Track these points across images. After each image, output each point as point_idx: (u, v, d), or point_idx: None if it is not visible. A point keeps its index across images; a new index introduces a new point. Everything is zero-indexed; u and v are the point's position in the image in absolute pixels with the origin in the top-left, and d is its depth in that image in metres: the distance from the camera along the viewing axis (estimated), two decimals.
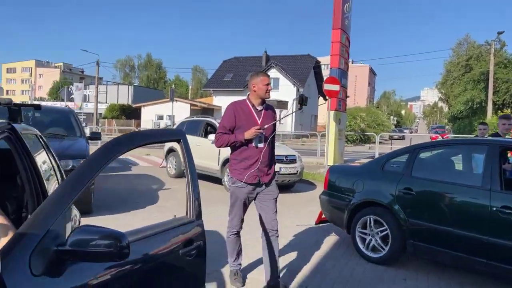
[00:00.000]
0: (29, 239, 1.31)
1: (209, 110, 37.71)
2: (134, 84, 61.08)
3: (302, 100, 3.51)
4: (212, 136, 9.28)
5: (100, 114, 43.59)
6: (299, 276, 3.89)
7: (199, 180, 7.74)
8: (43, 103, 12.54)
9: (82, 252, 1.36)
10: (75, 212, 3.11)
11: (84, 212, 5.73)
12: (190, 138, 9.89)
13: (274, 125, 3.50)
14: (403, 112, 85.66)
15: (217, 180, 9.20)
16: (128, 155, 16.29)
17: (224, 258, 4.20)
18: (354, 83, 77.95)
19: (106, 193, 7.75)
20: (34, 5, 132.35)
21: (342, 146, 13.09)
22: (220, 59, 45.83)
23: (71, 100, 47.52)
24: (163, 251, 1.83)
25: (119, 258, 1.40)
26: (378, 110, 42.64)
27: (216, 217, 6.17)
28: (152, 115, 39.74)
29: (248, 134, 3.26)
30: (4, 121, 2.20)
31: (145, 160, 14.68)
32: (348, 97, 16.75)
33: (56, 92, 54.65)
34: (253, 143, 3.32)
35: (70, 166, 5.51)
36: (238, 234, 3.58)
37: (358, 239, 4.50)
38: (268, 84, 3.38)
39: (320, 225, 5.84)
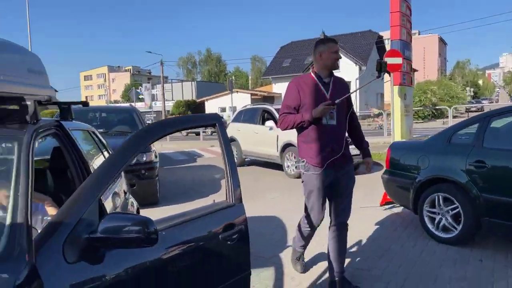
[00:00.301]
0: (62, 228, 1.35)
1: (269, 98, 37.75)
2: (197, 80, 62.99)
3: (380, 66, 3.08)
4: (269, 123, 9.24)
5: (168, 111, 45.65)
6: (362, 259, 3.72)
7: (258, 167, 7.79)
8: (117, 105, 13.36)
9: (112, 239, 1.37)
10: (132, 201, 3.24)
11: (151, 203, 6.03)
12: (248, 126, 10.07)
13: (349, 99, 3.03)
14: (480, 82, 78.75)
15: (277, 166, 9.15)
16: (194, 148, 16.90)
17: (284, 244, 4.16)
18: (423, 56, 73.08)
19: (172, 185, 8.08)
20: (97, 12, 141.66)
21: (410, 123, 12.24)
22: (278, 46, 45.42)
23: (141, 100, 50.42)
24: (202, 236, 1.81)
25: (148, 244, 1.39)
26: (451, 82, 39.66)
27: (276, 204, 6.13)
28: (215, 108, 40.77)
29: (316, 112, 2.79)
30: (52, 119, 2.32)
31: (210, 151, 15.09)
32: (416, 70, 15.76)
33: (127, 94, 58.23)
34: (322, 121, 2.86)
35: (134, 160, 5.79)
36: (316, 226, 3.11)
37: (426, 219, 4.19)
38: (336, 52, 2.94)
39: (386, 206, 5.56)
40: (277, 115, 9.20)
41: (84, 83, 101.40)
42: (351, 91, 3.03)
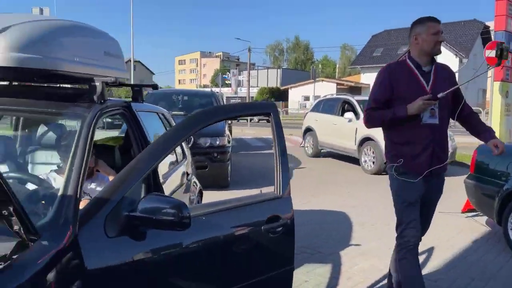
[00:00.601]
0: (105, 204, 1.43)
1: (356, 89, 36.44)
2: (283, 67, 63.14)
3: (501, 53, 2.63)
4: (349, 114, 8.92)
5: (252, 97, 46.61)
6: (430, 267, 3.44)
7: (334, 159, 7.63)
8: (199, 89, 14.02)
9: (148, 219, 1.42)
10: (194, 181, 3.36)
11: (221, 186, 6.24)
12: (326, 117, 9.84)
13: (457, 92, 2.48)
14: None
15: (354, 160, 8.83)
16: (271, 135, 16.99)
17: (346, 242, 4.01)
18: None
19: (245, 170, 8.25)
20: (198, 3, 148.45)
21: (511, 124, 11.03)
22: (370, 35, 43.50)
23: (228, 85, 52.16)
24: (243, 225, 1.81)
25: (180, 227, 1.42)
26: None
27: (347, 199, 5.94)
28: (298, 96, 40.59)
29: (413, 108, 2.31)
30: (121, 99, 2.48)
31: (288, 140, 15.01)
32: None
33: (214, 79, 60.71)
34: (422, 119, 2.36)
35: (208, 143, 6.03)
36: (415, 248, 2.47)
37: (510, 232, 3.73)
38: (437, 33, 2.38)
39: (468, 214, 5.06)
40: (358, 107, 8.86)
41: (178, 67, 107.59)
42: (458, 82, 2.49)
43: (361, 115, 8.63)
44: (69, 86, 2.32)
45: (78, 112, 1.87)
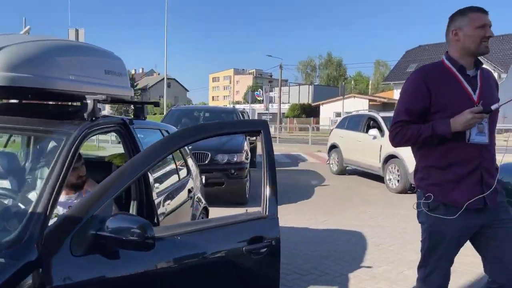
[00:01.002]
0: (71, 222, 1.44)
1: (388, 105, 35.66)
2: (315, 84, 62.99)
3: None
4: (373, 131, 8.72)
5: (283, 113, 46.61)
6: None
7: (360, 177, 7.49)
8: (221, 106, 14.19)
9: (113, 238, 1.41)
10: (199, 197, 3.34)
11: (239, 203, 6.20)
12: (351, 134, 9.67)
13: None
14: None
15: (379, 178, 8.57)
16: (299, 152, 16.91)
17: (357, 264, 3.86)
18: None
19: None
20: (225, 22, 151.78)
21: None
22: (404, 50, 42.81)
23: (260, 102, 52.47)
24: (222, 245, 1.76)
25: (144, 248, 1.40)
26: None
27: (366, 219, 5.73)
28: (330, 113, 40.17)
29: (459, 123, 1.85)
30: (117, 117, 2.53)
31: (315, 156, 14.92)
32: None
33: (250, 96, 61.35)
34: (467, 137, 1.91)
35: (226, 160, 6.03)
36: None
37: None
38: (485, 26, 1.92)
39: None
40: (383, 124, 8.64)
41: (212, 84, 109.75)
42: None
43: (386, 132, 8.41)
44: (67, 103, 2.38)
45: (65, 129, 1.91)
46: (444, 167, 1.95)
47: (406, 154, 7.56)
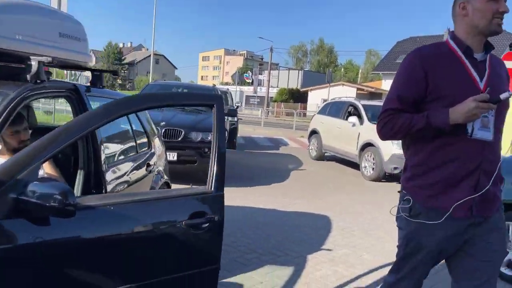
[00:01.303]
0: None
1: (376, 95, 35.79)
2: (305, 69, 62.73)
3: None
4: (353, 119, 8.72)
5: (271, 97, 46.42)
6: None
7: (338, 164, 7.43)
8: (200, 84, 14.04)
9: (32, 203, 1.35)
10: (160, 171, 3.28)
11: None
12: (332, 120, 9.67)
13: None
14: None
15: (356, 166, 8.63)
16: (282, 136, 16.92)
17: (318, 246, 3.88)
18: None
19: (244, 168, 8.17)
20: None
21: None
22: (395, 41, 42.87)
23: (249, 84, 52.14)
24: (158, 218, 1.72)
25: (64, 215, 1.35)
26: None
27: (337, 204, 5.75)
28: (318, 99, 40.15)
29: (460, 113, 1.55)
30: (68, 82, 2.44)
31: (297, 141, 14.96)
32: None
33: (239, 78, 60.81)
34: (468, 131, 1.60)
35: (199, 138, 5.97)
36: None
37: None
38: (498, 0, 1.61)
39: None
40: (363, 111, 8.65)
41: (202, 63, 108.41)
42: None
43: (365, 119, 8.44)
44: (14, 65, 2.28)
45: (4, 90, 1.83)
46: (438, 165, 1.64)
47: (382, 142, 7.63)
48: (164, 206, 1.76)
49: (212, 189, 1.86)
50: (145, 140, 3.20)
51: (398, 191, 1.81)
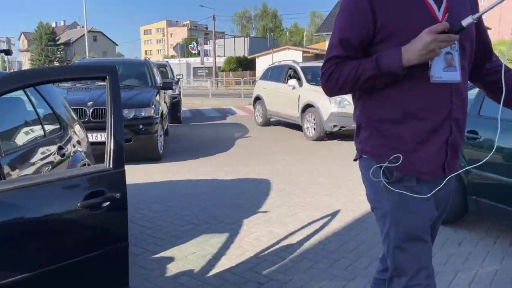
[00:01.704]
0: None
1: (321, 57, 36.23)
2: (250, 36, 61.99)
3: None
4: (292, 81, 8.78)
5: (219, 67, 45.70)
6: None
7: (284, 128, 7.40)
8: (133, 58, 13.52)
9: None
10: (74, 153, 3.13)
11: (152, 159, 6.05)
12: (273, 85, 9.69)
13: (480, 22, 1.44)
14: None
15: (300, 128, 8.77)
16: (231, 105, 16.82)
17: (254, 210, 3.94)
18: (499, 13, 65.73)
19: (189, 141, 8.07)
20: None
21: None
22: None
23: (195, 56, 50.79)
24: (50, 203, 1.64)
25: None
26: None
27: (279, 167, 5.83)
28: (266, 65, 40.13)
29: (415, 50, 1.24)
30: None
31: (245, 109, 14.91)
32: (489, 28, 13.86)
33: (184, 49, 59.01)
34: (430, 73, 1.30)
35: (132, 115, 5.76)
36: None
37: None
38: None
39: None
40: (301, 73, 8.71)
41: (144, 37, 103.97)
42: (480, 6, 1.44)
43: (304, 82, 8.52)
44: None
45: None
46: (399, 120, 1.33)
47: (321, 102, 7.79)
48: (55, 189, 1.68)
49: (111, 166, 1.79)
50: (56, 124, 3.02)
51: (354, 160, 1.49)
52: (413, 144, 1.34)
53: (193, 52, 54.27)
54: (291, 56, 34.11)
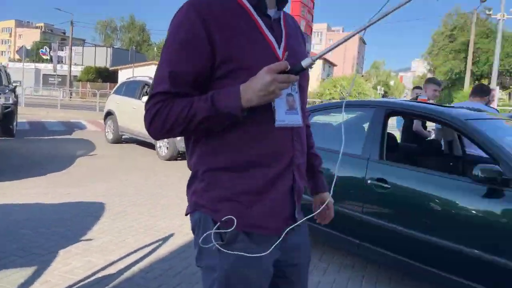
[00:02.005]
0: None
1: None
2: (115, 47, 58.93)
3: None
4: (145, 98, 8.50)
5: (75, 76, 42.06)
6: None
7: (137, 146, 6.87)
8: (16, 64, 11.58)
9: None
10: None
11: None
12: (127, 100, 9.22)
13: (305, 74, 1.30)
14: (391, 82, 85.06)
15: (152, 146, 8.51)
16: (82, 119, 15.50)
17: (75, 238, 3.58)
18: (344, 52, 76.50)
19: (19, 159, 7.03)
20: None
21: None
22: None
23: (47, 61, 45.65)
24: None
25: None
26: (361, 79, 41.97)
27: (120, 188, 5.47)
28: None
29: (253, 90, 1.07)
30: None
31: (97, 124, 13.88)
32: (335, 65, 15.76)
33: (35, 54, 52.53)
34: (275, 116, 1.16)
35: None
36: None
37: None
38: None
39: None
40: None
41: None
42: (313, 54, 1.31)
43: None
44: None
45: None
46: (240, 169, 1.15)
47: None
48: None
49: None
50: None
51: (186, 214, 1.25)
52: (255, 196, 1.16)
53: (44, 57, 48.82)
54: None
